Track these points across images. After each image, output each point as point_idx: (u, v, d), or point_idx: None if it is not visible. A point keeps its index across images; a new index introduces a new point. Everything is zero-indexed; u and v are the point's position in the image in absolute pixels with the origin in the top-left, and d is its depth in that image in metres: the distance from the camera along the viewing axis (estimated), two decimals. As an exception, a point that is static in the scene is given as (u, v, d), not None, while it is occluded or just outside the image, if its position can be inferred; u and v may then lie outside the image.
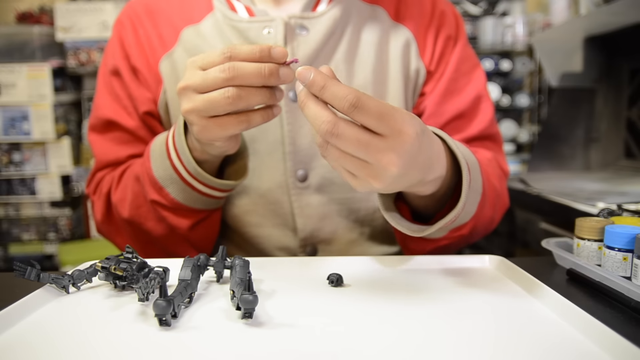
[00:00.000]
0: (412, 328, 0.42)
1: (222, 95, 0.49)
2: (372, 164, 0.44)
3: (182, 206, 0.66)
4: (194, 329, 0.42)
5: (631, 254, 0.51)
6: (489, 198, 0.67)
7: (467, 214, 0.60)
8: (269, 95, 0.51)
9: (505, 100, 2.48)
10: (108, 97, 0.75)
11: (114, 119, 0.73)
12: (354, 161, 0.45)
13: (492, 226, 0.74)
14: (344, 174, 0.47)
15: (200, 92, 0.51)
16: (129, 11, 0.75)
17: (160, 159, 0.64)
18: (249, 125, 0.53)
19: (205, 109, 0.51)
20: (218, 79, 0.49)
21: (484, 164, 0.69)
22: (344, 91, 0.42)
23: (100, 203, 0.73)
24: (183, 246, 0.70)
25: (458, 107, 0.74)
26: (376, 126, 0.43)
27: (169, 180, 0.64)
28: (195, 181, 0.63)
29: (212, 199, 0.66)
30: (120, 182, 0.71)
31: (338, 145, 0.44)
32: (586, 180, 1.53)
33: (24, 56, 2.31)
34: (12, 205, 2.44)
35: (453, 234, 0.63)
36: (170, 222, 0.67)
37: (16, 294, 0.48)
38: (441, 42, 0.75)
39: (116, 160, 0.74)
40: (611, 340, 0.38)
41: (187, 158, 0.61)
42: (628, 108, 1.69)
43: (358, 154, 0.44)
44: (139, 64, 0.72)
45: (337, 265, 0.59)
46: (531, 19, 2.49)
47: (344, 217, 0.74)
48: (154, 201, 0.66)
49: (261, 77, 0.49)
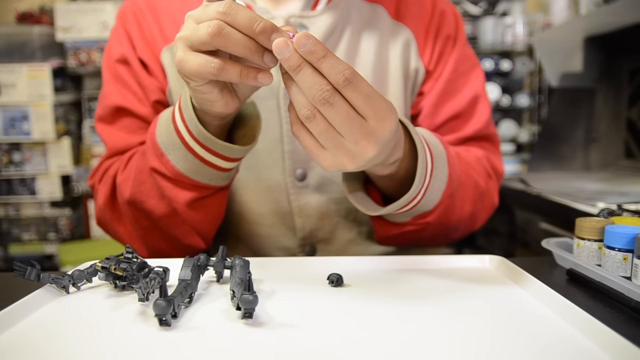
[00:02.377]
0: (412, 328, 0.42)
1: (205, 25, 0.46)
2: (350, 144, 0.46)
3: (182, 176, 0.61)
4: (194, 329, 0.42)
5: (631, 254, 0.51)
6: (467, 192, 0.68)
7: (430, 201, 0.61)
8: (254, 48, 0.46)
9: (505, 100, 2.48)
10: (116, 85, 0.73)
11: (124, 105, 0.72)
12: (336, 137, 0.46)
13: (476, 224, 0.74)
14: (316, 152, 0.48)
15: (196, 21, 0.48)
16: (131, 5, 0.75)
17: (165, 124, 0.61)
18: (221, 72, 0.47)
19: (189, 37, 0.47)
20: (213, 11, 0.46)
21: (465, 159, 0.70)
22: (343, 64, 0.43)
23: (106, 188, 0.70)
24: (184, 228, 0.67)
25: (455, 108, 0.75)
26: (363, 106, 0.44)
27: (171, 146, 0.60)
28: (198, 145, 0.58)
29: (215, 171, 0.61)
30: (128, 164, 0.69)
31: (329, 114, 0.44)
32: (586, 180, 1.53)
33: (24, 56, 2.31)
34: (12, 205, 2.45)
35: (417, 221, 0.64)
36: (169, 195, 0.63)
37: (16, 294, 0.48)
38: (441, 42, 0.75)
39: (126, 148, 0.71)
40: (611, 340, 0.38)
41: (189, 115, 0.57)
42: (628, 108, 1.69)
43: (342, 129, 0.45)
44: (144, 57, 0.72)
45: (337, 265, 0.59)
46: (531, 19, 2.49)
47: (342, 217, 0.74)
48: (153, 169, 0.63)
49: (251, 26, 0.45)
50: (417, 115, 0.76)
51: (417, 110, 0.76)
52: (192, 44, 0.48)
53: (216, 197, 0.66)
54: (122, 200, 0.67)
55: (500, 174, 0.78)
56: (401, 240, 0.70)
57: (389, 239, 0.70)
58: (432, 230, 0.68)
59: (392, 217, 0.65)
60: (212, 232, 0.70)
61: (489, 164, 0.76)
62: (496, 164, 0.77)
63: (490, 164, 0.76)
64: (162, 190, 0.63)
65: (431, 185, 0.59)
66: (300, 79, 0.43)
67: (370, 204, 0.60)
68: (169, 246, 0.69)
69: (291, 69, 0.44)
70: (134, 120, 0.72)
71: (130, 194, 0.65)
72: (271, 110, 0.70)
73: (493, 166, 0.76)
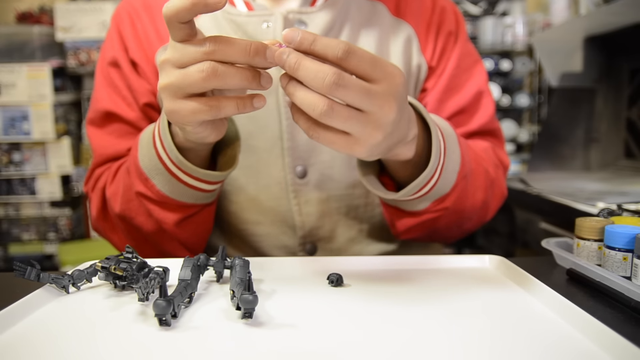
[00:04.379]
0: (412, 328, 0.42)
1: (197, 69, 0.44)
2: (374, 112, 0.44)
3: (168, 199, 0.63)
4: (194, 329, 0.42)
5: (631, 254, 0.51)
6: (478, 180, 0.68)
7: (446, 183, 0.61)
8: (251, 77, 0.45)
9: (505, 100, 2.49)
10: (107, 89, 0.74)
11: (113, 110, 0.72)
12: (360, 116, 0.44)
13: (487, 213, 0.74)
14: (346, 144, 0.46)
15: (178, 66, 0.46)
16: (127, 5, 0.75)
17: (146, 148, 0.61)
18: (218, 112, 0.47)
19: (178, 84, 0.46)
20: (198, 52, 0.44)
21: (473, 149, 0.70)
22: (335, 40, 0.43)
23: (97, 199, 0.71)
24: (173, 244, 0.68)
25: (459, 104, 0.75)
26: (371, 71, 0.44)
27: (154, 171, 0.60)
28: (180, 171, 0.59)
29: (200, 192, 0.62)
30: (115, 177, 0.69)
31: (344, 96, 0.43)
32: (586, 180, 1.53)
33: (24, 56, 2.31)
34: (12, 205, 2.45)
35: (436, 207, 0.64)
36: (157, 217, 0.64)
37: (16, 294, 0.48)
38: (442, 38, 0.75)
39: (115, 155, 0.72)
40: (611, 340, 0.38)
41: (168, 144, 0.57)
42: (628, 108, 1.69)
43: (362, 103, 0.44)
44: (137, 58, 0.72)
45: (337, 265, 0.59)
46: (531, 19, 2.49)
47: (343, 215, 0.74)
48: (139, 193, 0.63)
49: (245, 54, 0.44)
50: None
51: None
52: (182, 91, 0.46)
53: (203, 213, 0.67)
54: (113, 213, 0.69)
55: (507, 166, 0.78)
56: (418, 232, 0.69)
57: (406, 232, 0.69)
58: (448, 218, 0.66)
59: (410, 205, 0.64)
60: (202, 245, 0.72)
61: (495, 155, 0.76)
62: (502, 156, 0.77)
63: (496, 155, 0.76)
64: (150, 212, 0.65)
65: (445, 165, 0.59)
66: (303, 73, 0.42)
67: (386, 191, 0.60)
68: (162, 257, 0.69)
69: (292, 68, 0.43)
70: (123, 126, 0.73)
71: (120, 210, 0.66)
72: (270, 107, 0.70)
73: (499, 157, 0.77)
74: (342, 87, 0.42)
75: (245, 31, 0.70)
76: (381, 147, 0.48)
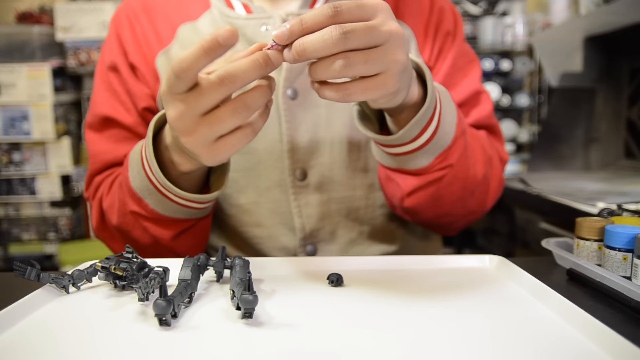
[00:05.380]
0: (412, 328, 0.42)
1: (230, 112, 0.46)
2: (386, 40, 0.44)
3: (162, 217, 0.63)
4: (194, 329, 0.42)
5: (631, 254, 0.51)
6: (477, 152, 0.66)
7: (446, 134, 0.59)
8: (269, 90, 0.47)
9: (505, 100, 2.48)
10: (105, 94, 0.74)
11: (112, 115, 0.72)
12: (378, 51, 0.44)
13: (488, 195, 0.71)
14: (373, 85, 0.46)
15: (200, 114, 0.46)
16: (126, 8, 0.75)
17: (136, 169, 0.61)
18: (255, 131, 0.49)
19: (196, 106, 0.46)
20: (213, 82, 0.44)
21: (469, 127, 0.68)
22: (317, 8, 0.43)
23: (96, 209, 0.72)
24: (171, 255, 0.68)
25: (455, 100, 0.74)
26: (362, 12, 0.44)
27: (146, 192, 0.61)
28: (171, 193, 0.60)
29: (193, 210, 0.63)
30: (111, 189, 0.70)
31: (355, 40, 0.43)
32: (586, 180, 1.53)
33: (24, 56, 2.31)
34: (12, 205, 2.45)
35: (440, 163, 0.61)
36: (152, 233, 0.65)
37: (16, 294, 0.48)
38: (440, 38, 0.75)
39: (114, 160, 0.72)
40: (611, 340, 0.38)
41: (156, 171, 0.57)
42: (628, 108, 1.69)
43: (373, 38, 0.44)
44: (136, 61, 0.72)
45: (337, 265, 0.59)
46: (531, 19, 2.49)
47: (343, 216, 0.74)
48: (133, 212, 0.64)
49: (259, 68, 0.44)
50: None
51: None
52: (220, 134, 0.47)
53: (199, 225, 0.67)
54: (111, 225, 0.69)
55: (505, 160, 0.77)
56: (424, 196, 0.65)
57: (412, 194, 0.65)
58: (453, 183, 0.64)
59: (414, 160, 0.61)
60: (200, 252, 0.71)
61: (492, 145, 0.74)
62: (500, 150, 0.76)
63: (493, 145, 0.74)
64: (146, 229, 0.65)
65: (443, 113, 0.57)
66: (311, 48, 0.43)
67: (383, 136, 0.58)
68: None
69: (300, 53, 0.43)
70: (121, 131, 0.73)
71: (117, 223, 0.67)
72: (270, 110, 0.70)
73: (497, 149, 0.75)
74: (349, 34, 0.43)
75: (243, 34, 0.70)
76: (407, 73, 0.49)
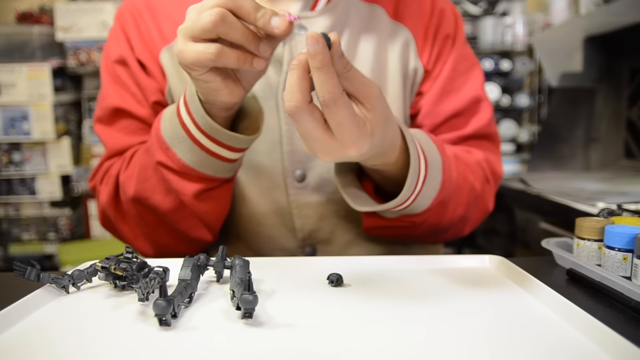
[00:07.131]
0: (412, 328, 0.42)
1: (208, 13, 0.48)
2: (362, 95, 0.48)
3: (188, 169, 0.62)
4: (194, 329, 0.42)
5: (631, 254, 0.51)
6: (462, 195, 0.68)
7: (419, 206, 0.62)
8: (252, 37, 0.49)
9: (505, 100, 2.49)
10: (114, 86, 0.73)
11: (123, 106, 0.72)
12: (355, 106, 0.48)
13: (466, 226, 0.74)
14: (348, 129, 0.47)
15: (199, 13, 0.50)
16: (129, 6, 0.75)
17: (169, 118, 0.61)
18: (219, 56, 0.49)
19: (190, 27, 0.49)
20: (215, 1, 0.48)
21: (463, 161, 0.70)
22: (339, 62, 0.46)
23: (108, 187, 0.71)
24: (191, 221, 0.67)
25: (454, 107, 0.74)
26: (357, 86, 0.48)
27: (177, 139, 0.61)
28: (204, 136, 0.59)
29: (221, 162, 0.62)
30: (130, 161, 0.69)
31: (349, 80, 0.47)
32: (586, 180, 1.54)
33: (24, 56, 2.31)
34: (12, 205, 2.45)
35: (405, 219, 0.65)
36: (176, 187, 0.64)
37: (16, 294, 0.48)
38: (440, 41, 0.75)
39: (127, 148, 0.72)
40: (611, 340, 0.38)
41: (196, 107, 0.58)
42: (628, 108, 1.69)
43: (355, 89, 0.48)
44: (143, 58, 0.72)
45: (337, 265, 0.59)
46: (531, 19, 2.49)
47: (342, 217, 0.74)
48: (160, 162, 0.63)
49: (251, 12, 0.48)
50: (416, 114, 0.76)
51: (416, 110, 0.76)
52: (193, 34, 0.49)
53: (222, 188, 0.67)
54: (126, 198, 0.68)
55: (499, 177, 0.78)
56: (387, 233, 0.70)
57: (375, 229, 0.70)
58: (419, 230, 0.68)
59: (380, 212, 0.65)
60: (218, 224, 0.71)
61: (489, 167, 0.75)
62: (495, 167, 0.77)
63: (489, 167, 0.75)
64: (169, 184, 0.64)
65: (422, 192, 0.60)
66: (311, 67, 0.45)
67: (360, 199, 0.62)
68: (175, 241, 0.69)
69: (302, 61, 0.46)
70: (133, 122, 0.72)
71: (135, 190, 0.66)
72: (270, 110, 0.70)
73: (492, 169, 0.76)
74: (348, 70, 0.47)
75: None
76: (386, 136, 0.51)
